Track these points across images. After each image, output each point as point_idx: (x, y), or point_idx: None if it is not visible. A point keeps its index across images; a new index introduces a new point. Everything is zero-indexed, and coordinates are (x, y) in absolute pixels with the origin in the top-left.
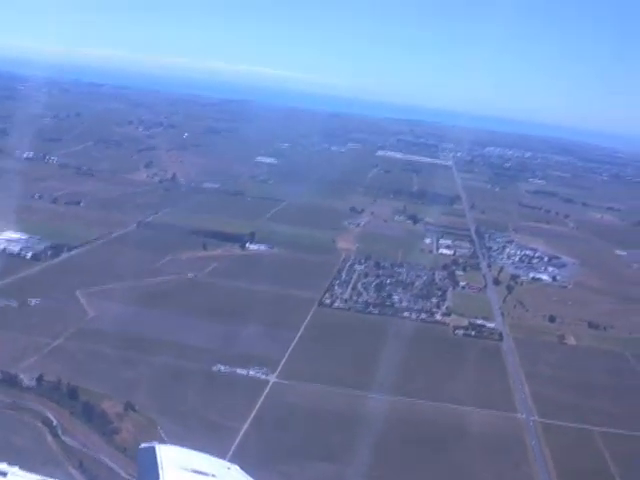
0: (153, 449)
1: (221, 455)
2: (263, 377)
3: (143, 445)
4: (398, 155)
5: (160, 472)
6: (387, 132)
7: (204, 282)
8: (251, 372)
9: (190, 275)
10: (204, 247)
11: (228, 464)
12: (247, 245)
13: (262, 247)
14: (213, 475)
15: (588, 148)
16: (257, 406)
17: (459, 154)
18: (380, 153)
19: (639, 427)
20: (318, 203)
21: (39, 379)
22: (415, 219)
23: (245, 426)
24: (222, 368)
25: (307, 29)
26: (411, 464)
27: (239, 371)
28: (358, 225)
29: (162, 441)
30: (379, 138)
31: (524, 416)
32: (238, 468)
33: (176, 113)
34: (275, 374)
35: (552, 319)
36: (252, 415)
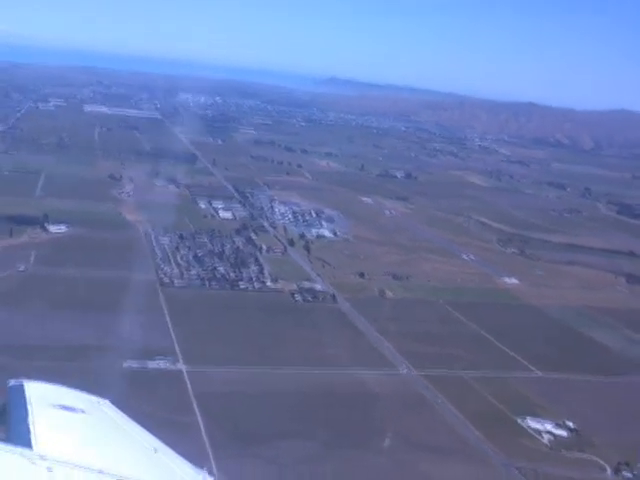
0: (22, 385)
1: None
2: (173, 367)
3: (11, 382)
4: (105, 109)
5: (29, 408)
6: (73, 83)
7: (39, 274)
8: (160, 364)
9: (21, 268)
10: (10, 234)
11: (98, 399)
12: (48, 227)
13: (62, 227)
14: (82, 410)
15: (268, 89)
16: (192, 397)
17: (159, 104)
18: (88, 109)
19: (493, 367)
20: (74, 172)
21: None
22: (176, 182)
23: (199, 419)
24: (133, 364)
25: None
26: (362, 432)
27: (150, 364)
28: (129, 194)
29: None
30: (73, 90)
31: (405, 371)
32: (109, 403)
33: None
34: (181, 362)
35: (362, 275)
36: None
